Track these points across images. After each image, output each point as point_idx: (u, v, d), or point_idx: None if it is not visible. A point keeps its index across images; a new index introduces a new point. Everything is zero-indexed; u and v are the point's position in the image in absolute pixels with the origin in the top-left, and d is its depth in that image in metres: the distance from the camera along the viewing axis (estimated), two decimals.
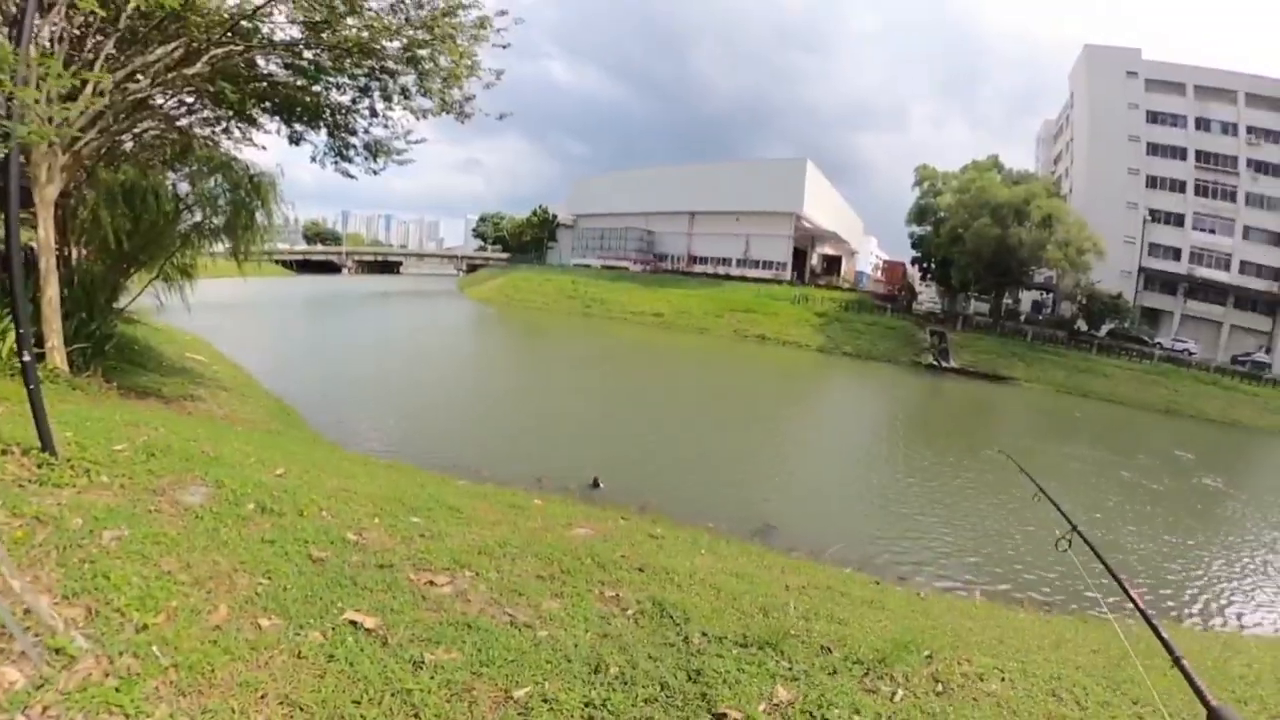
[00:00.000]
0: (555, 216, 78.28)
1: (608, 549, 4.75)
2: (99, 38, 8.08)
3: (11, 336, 7.58)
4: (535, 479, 9.30)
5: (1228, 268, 47.51)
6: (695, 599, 3.83)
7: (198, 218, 9.52)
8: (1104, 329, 43.66)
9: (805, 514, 10.48)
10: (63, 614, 2.20)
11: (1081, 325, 43.69)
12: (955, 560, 9.08)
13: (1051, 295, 49.01)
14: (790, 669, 2.95)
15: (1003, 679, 3.38)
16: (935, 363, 37.29)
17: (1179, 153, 48.99)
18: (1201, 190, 48.54)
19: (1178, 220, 48.91)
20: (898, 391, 29.36)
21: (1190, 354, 41.63)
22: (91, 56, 7.85)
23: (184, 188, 9.58)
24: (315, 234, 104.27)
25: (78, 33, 8.04)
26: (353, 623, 2.49)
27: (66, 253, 9.33)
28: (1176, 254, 48.87)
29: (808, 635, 3.50)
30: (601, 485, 9.64)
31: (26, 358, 3.86)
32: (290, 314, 34.58)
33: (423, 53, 9.81)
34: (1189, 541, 11.06)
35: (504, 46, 10.27)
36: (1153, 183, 49.50)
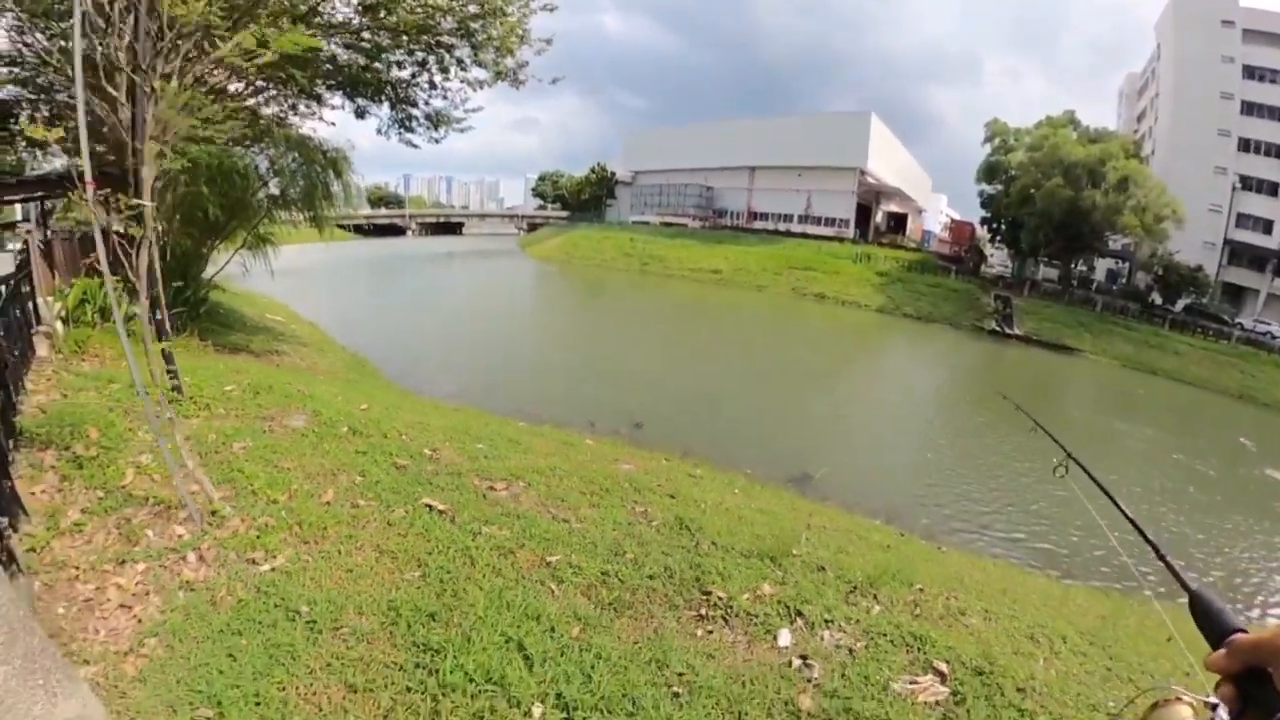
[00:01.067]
0: (613, 174, 78.07)
1: (646, 480, 5.32)
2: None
3: (125, 305, 8.73)
4: (589, 423, 10.00)
5: None
6: (714, 520, 4.37)
7: (276, 191, 10.45)
8: (1180, 304, 40.78)
9: (847, 469, 10.83)
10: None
11: (1156, 298, 40.99)
12: (986, 523, 9.29)
13: (1127, 264, 46.10)
14: (782, 576, 3.44)
15: (985, 618, 3.68)
16: (998, 328, 36.13)
17: (1277, 113, 44.34)
18: None
19: (1271, 189, 43.40)
20: (955, 357, 28.86)
21: (1274, 337, 38.38)
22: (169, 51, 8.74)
23: (263, 163, 10.48)
24: (378, 198, 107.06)
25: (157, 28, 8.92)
26: (429, 506, 3.20)
27: (161, 228, 10.44)
28: (1268, 227, 43.42)
29: (808, 557, 3.93)
30: (642, 425, 10.30)
31: (160, 317, 4.73)
32: (359, 276, 36.16)
33: (474, 25, 10.32)
34: (1225, 525, 10.82)
35: (550, 10, 10.68)
36: (1246, 146, 44.02)
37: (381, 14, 9.13)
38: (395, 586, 2.41)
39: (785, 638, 2.68)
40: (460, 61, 11.18)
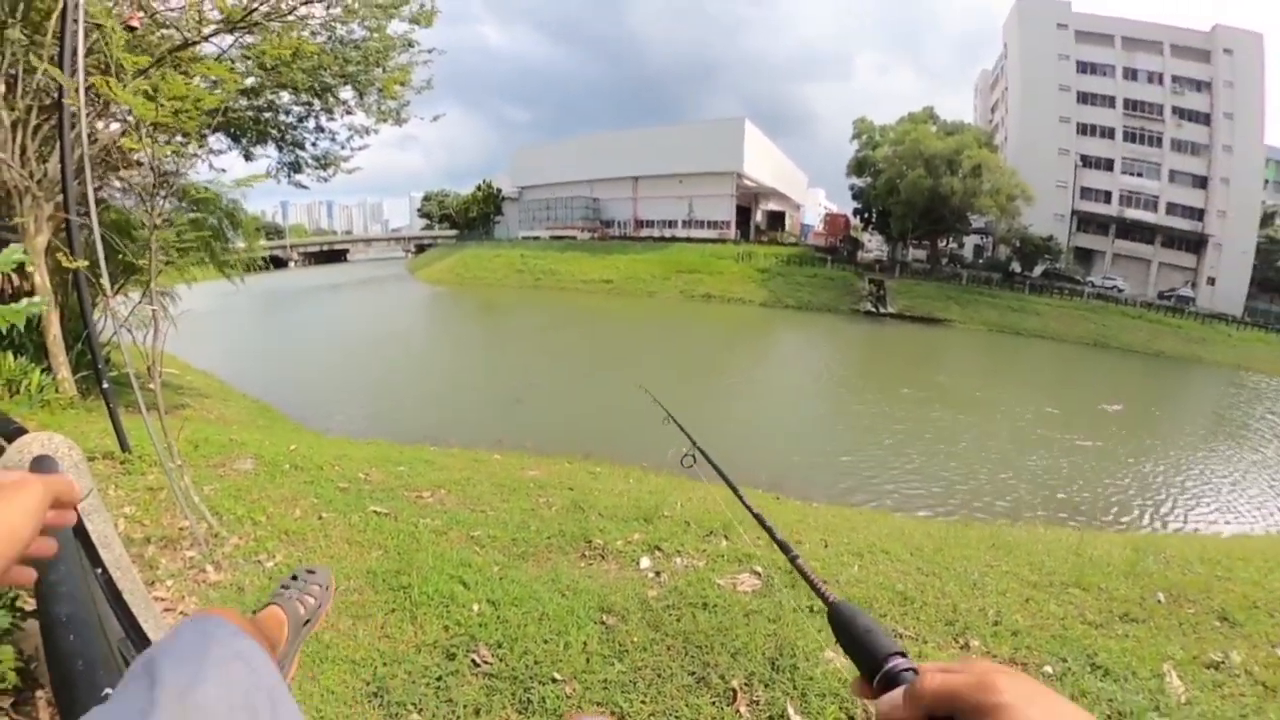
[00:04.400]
0: (500, 190, 78.18)
1: (549, 479, 6.44)
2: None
3: (34, 376, 8.87)
4: (495, 440, 10.96)
5: (1155, 209, 50.87)
6: (603, 500, 5.52)
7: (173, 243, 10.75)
8: (1038, 270, 46.41)
9: (733, 449, 12.35)
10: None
11: (1016, 267, 46.42)
12: (864, 487, 11.11)
13: (990, 239, 51.75)
14: (652, 530, 4.64)
15: (821, 545, 4.70)
16: (873, 309, 39.55)
17: (1108, 101, 51.63)
18: (1130, 136, 51.32)
19: (1107, 165, 51.74)
20: (833, 339, 31.59)
21: (1120, 290, 44.18)
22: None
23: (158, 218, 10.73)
24: (256, 229, 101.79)
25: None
26: (376, 511, 4.23)
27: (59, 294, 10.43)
28: (1107, 196, 51.79)
29: (677, 515, 5.18)
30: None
31: (105, 385, 5.34)
32: (243, 317, 34.76)
33: (355, 69, 10.97)
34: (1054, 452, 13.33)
35: (428, 63, 11.49)
36: (1083, 129, 52.16)
37: (275, 73, 9.74)
38: (367, 561, 3.43)
39: (645, 562, 3.89)
40: (344, 104, 11.76)
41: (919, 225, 44.26)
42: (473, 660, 2.60)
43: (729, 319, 35.95)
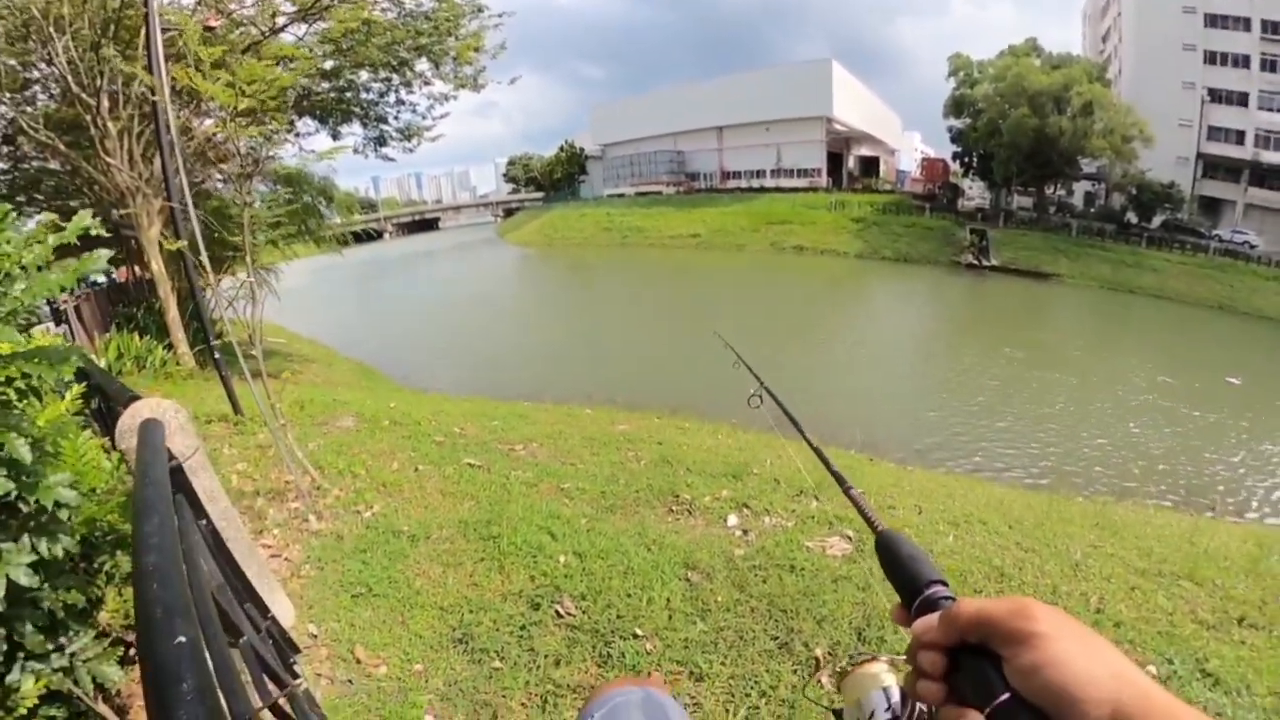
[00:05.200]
0: (582, 150, 78.00)
1: (639, 434, 6.38)
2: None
3: (157, 352, 9.80)
4: (586, 395, 11.11)
5: None
6: (692, 455, 5.43)
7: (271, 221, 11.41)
8: (1156, 221, 41.20)
9: (824, 408, 11.98)
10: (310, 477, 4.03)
11: (1132, 218, 41.71)
12: (957, 448, 10.55)
13: (1102, 185, 46.67)
14: (740, 486, 4.51)
15: (915, 511, 4.42)
16: (975, 262, 36.82)
17: (1241, 23, 42.53)
18: (1268, 65, 41.90)
19: (1241, 100, 42.27)
20: (931, 294, 29.86)
21: (1252, 246, 38.09)
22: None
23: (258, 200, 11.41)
24: (349, 205, 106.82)
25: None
26: (469, 464, 4.34)
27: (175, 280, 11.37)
28: (1240, 137, 42.37)
29: (766, 474, 5.02)
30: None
31: (217, 356, 5.74)
32: (344, 288, 36.73)
33: (428, 41, 11.10)
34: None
35: (499, 25, 11.42)
36: (1212, 58, 43.45)
37: (353, 53, 10.00)
38: (459, 512, 3.54)
39: (733, 520, 3.79)
40: (422, 75, 11.96)
41: (1024, 170, 40.35)
42: (556, 611, 2.61)
43: (822, 272, 34.66)
